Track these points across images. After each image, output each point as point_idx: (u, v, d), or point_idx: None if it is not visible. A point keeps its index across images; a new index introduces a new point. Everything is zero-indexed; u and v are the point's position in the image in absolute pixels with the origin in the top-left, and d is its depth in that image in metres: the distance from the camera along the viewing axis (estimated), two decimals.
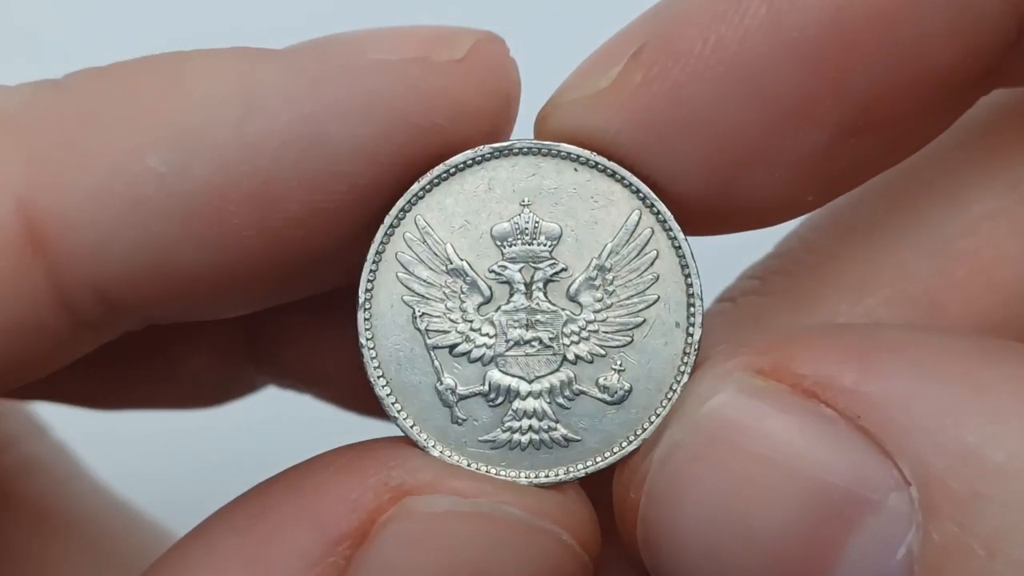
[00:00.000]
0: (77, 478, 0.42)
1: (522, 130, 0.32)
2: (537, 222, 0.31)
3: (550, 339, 0.31)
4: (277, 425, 0.48)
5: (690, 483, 0.29)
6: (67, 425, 0.42)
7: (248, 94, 0.28)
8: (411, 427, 0.31)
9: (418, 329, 0.31)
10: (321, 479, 0.29)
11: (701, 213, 0.31)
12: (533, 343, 0.31)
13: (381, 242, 0.31)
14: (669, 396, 0.31)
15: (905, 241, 0.33)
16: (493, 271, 0.31)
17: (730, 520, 0.28)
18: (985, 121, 0.32)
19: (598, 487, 0.31)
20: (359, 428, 0.33)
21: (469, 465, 0.31)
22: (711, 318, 0.34)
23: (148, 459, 0.49)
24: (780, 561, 0.28)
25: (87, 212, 0.28)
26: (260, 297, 0.32)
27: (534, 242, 0.31)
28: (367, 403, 0.32)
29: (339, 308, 0.34)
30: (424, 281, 0.31)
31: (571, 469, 0.31)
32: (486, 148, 0.31)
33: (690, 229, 0.31)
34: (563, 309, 0.31)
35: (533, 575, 0.29)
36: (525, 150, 0.31)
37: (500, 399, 0.31)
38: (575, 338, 0.31)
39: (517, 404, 0.31)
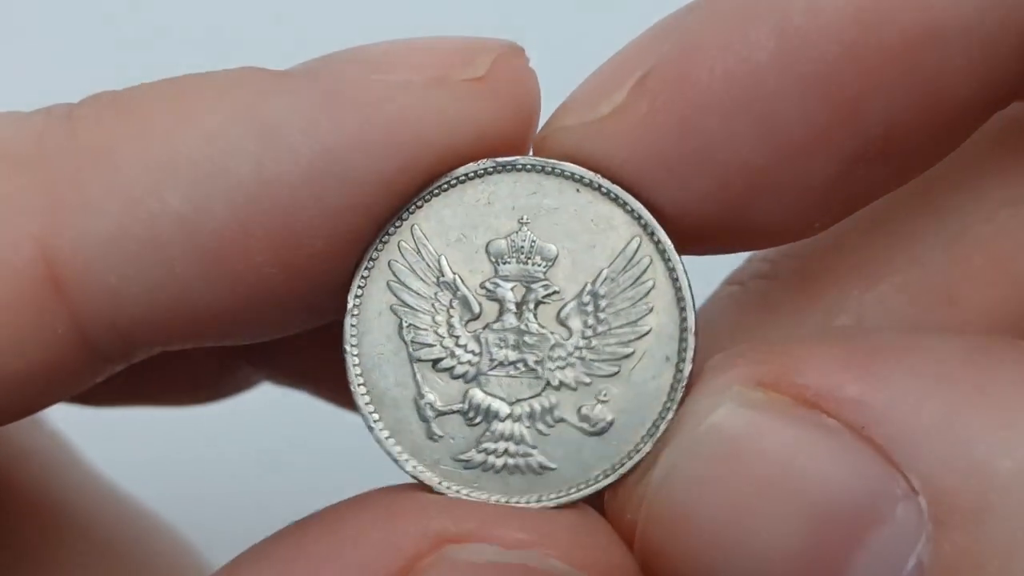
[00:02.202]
0: (72, 467, 0.42)
1: None
2: (534, 241, 0.30)
3: (535, 362, 0.30)
4: (271, 418, 0.48)
5: (690, 505, 0.28)
6: (60, 415, 0.42)
7: (266, 127, 0.28)
8: (386, 438, 0.30)
9: (403, 340, 0.30)
10: (358, 522, 0.28)
11: (703, 237, 0.30)
12: (518, 365, 0.30)
13: (376, 248, 0.30)
14: (652, 432, 0.30)
15: (919, 227, 0.32)
16: (485, 288, 0.30)
17: (733, 541, 0.27)
18: (1005, 111, 0.31)
19: None
20: (354, 425, 0.32)
21: (440, 484, 0.30)
22: (718, 301, 0.33)
23: (142, 450, 0.49)
24: None
25: (107, 254, 0.28)
26: (280, 327, 0.32)
27: (529, 262, 0.30)
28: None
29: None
30: (414, 292, 0.31)
31: (543, 497, 0.30)
32: (489, 162, 0.30)
33: (689, 249, 0.30)
34: (552, 333, 0.30)
35: None
36: (528, 167, 0.30)
37: (479, 419, 0.30)
38: (561, 363, 0.30)
39: (496, 426, 0.30)
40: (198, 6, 0.53)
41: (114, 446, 0.44)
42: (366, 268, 0.30)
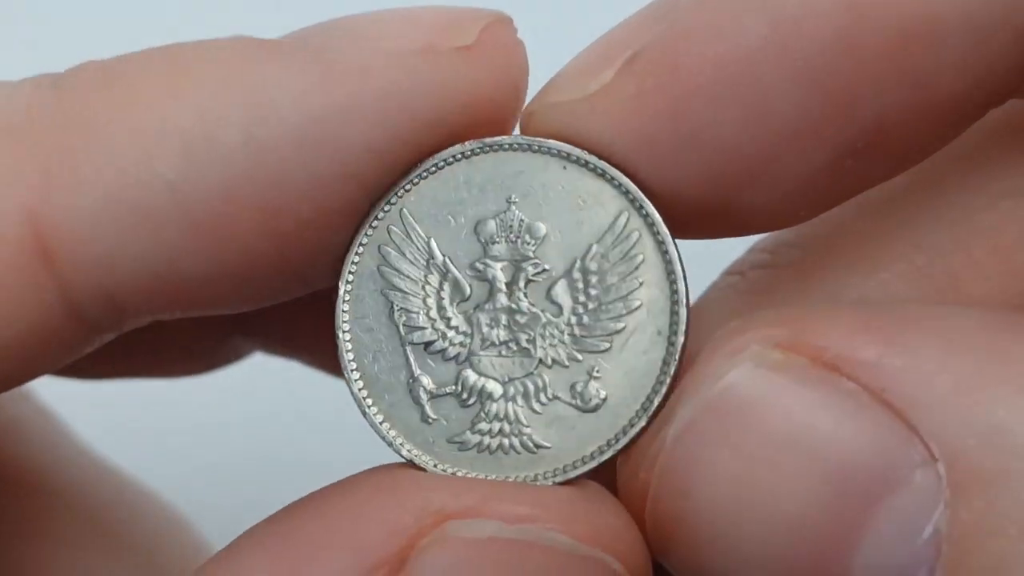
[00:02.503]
0: (61, 441, 0.42)
1: None
2: (522, 220, 0.30)
3: (527, 341, 0.30)
4: (265, 391, 0.48)
5: (705, 464, 0.27)
6: (52, 390, 0.42)
7: (256, 96, 0.28)
8: (380, 423, 0.30)
9: (395, 324, 0.30)
10: (357, 501, 0.28)
11: (690, 220, 0.30)
12: (510, 344, 0.30)
13: (365, 234, 0.30)
14: (646, 407, 0.29)
15: (921, 216, 0.31)
16: (475, 268, 0.30)
17: (747, 502, 0.27)
18: (1007, 105, 0.31)
19: None
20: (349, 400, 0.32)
21: (436, 466, 0.30)
22: (718, 291, 0.33)
23: (133, 424, 0.49)
24: (801, 543, 0.27)
25: (96, 223, 0.28)
26: (268, 295, 0.32)
27: (518, 241, 0.30)
28: None
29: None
30: (404, 275, 0.30)
31: (539, 476, 0.30)
32: (475, 143, 0.30)
33: (676, 233, 0.30)
34: (543, 311, 0.30)
35: None
36: (514, 146, 0.30)
37: (472, 400, 0.30)
38: (553, 341, 0.30)
39: (489, 406, 0.30)
40: None
41: (107, 421, 0.44)
42: (356, 254, 0.30)
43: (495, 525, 0.28)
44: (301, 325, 0.40)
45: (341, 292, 0.30)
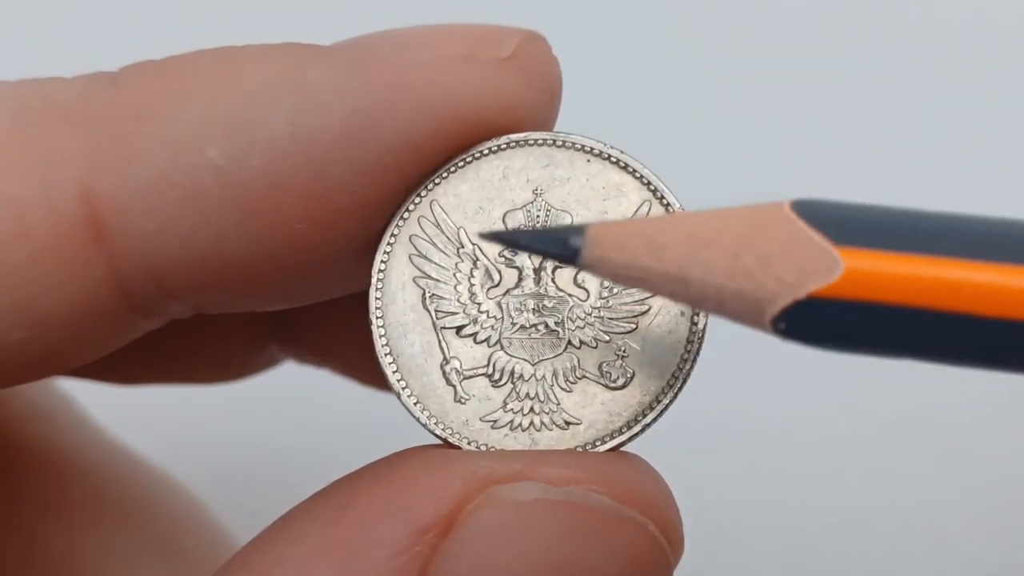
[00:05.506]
0: (82, 426, 0.42)
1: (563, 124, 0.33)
2: (549, 210, 0.32)
3: (556, 324, 0.32)
4: (286, 392, 0.48)
5: None
6: (82, 392, 0.43)
7: (301, 89, 0.30)
8: (414, 404, 0.31)
9: (427, 309, 0.32)
10: (408, 470, 0.29)
11: None
12: (539, 327, 0.32)
13: (397, 224, 0.32)
14: (671, 383, 0.31)
15: None
16: (504, 256, 0.32)
17: None
18: None
19: None
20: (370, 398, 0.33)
21: (470, 444, 0.31)
22: None
23: (147, 411, 0.49)
24: None
25: (147, 201, 0.29)
26: (309, 289, 0.33)
27: None
28: (382, 380, 0.32)
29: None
30: (436, 264, 0.32)
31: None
32: (503, 139, 0.32)
33: None
34: (570, 295, 0.32)
35: (618, 564, 0.29)
36: (540, 141, 0.32)
37: (504, 380, 0.31)
38: (580, 323, 0.31)
39: (520, 386, 0.31)
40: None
41: (124, 408, 0.44)
42: (388, 243, 0.32)
43: (540, 487, 0.29)
44: (337, 336, 0.41)
45: (374, 280, 0.32)
